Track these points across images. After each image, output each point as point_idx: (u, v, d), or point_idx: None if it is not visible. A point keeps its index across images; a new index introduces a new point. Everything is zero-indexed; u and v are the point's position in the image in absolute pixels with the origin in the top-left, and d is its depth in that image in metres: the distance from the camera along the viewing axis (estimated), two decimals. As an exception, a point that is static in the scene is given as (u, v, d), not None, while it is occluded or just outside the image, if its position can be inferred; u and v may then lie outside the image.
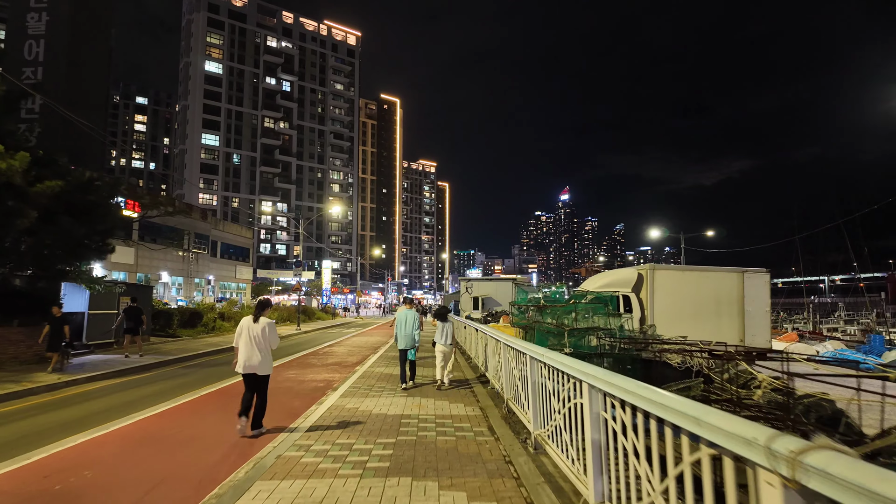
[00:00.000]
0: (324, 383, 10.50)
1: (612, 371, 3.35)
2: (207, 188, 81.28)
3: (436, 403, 7.94)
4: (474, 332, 12.59)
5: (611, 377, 3.09)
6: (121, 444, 6.16)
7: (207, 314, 26.44)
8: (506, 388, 7.05)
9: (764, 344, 11.63)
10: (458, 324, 17.96)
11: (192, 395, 9.21)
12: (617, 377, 3.06)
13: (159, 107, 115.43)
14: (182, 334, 22.69)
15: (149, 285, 27.75)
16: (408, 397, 8.48)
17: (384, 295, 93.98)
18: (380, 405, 7.80)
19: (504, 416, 6.86)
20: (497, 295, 26.12)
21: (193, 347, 18.19)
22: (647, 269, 11.60)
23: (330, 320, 43.29)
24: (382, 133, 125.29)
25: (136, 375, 12.36)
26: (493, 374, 8.75)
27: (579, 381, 3.64)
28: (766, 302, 11.84)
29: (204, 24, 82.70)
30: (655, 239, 45.11)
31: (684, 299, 11.50)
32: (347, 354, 16.40)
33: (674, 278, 11.67)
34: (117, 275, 36.08)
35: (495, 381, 8.56)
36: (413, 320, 9.57)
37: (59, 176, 12.99)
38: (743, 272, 11.79)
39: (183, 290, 43.19)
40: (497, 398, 8.06)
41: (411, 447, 5.52)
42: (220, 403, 8.61)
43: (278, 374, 11.62)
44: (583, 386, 3.55)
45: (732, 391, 5.08)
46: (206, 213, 47.87)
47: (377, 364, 12.99)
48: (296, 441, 5.76)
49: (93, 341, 16.68)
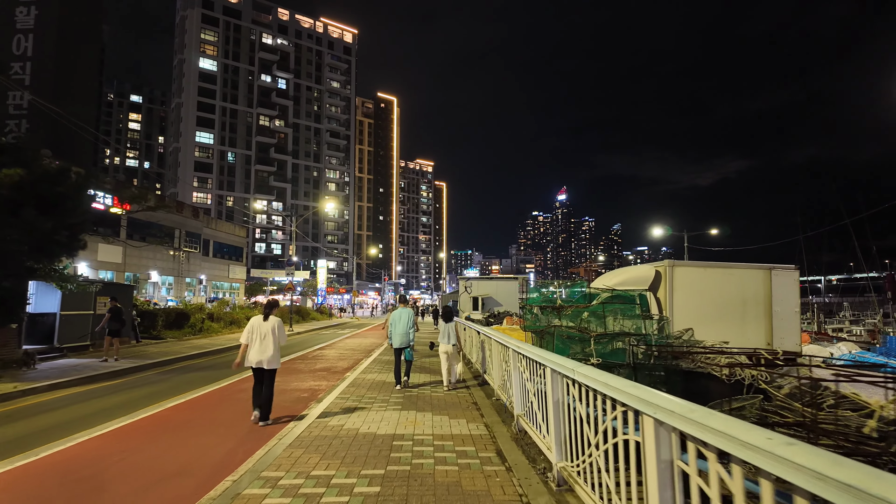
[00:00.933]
0: (308, 393, 9.42)
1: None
2: (202, 187, 80.00)
3: (434, 419, 6.88)
4: (475, 335, 11.54)
5: (696, 413, 2.05)
6: (30, 482, 5.05)
7: (195, 315, 25.29)
8: (516, 402, 6.00)
9: (794, 348, 10.62)
10: (458, 327, 16.94)
11: (155, 409, 8.11)
12: (704, 413, 2.02)
13: (154, 105, 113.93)
14: (167, 336, 21.57)
15: (129, 284, 26.63)
16: (402, 410, 7.41)
17: (381, 295, 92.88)
18: (369, 421, 6.73)
19: (515, 437, 5.81)
20: (498, 295, 25.01)
21: (176, 350, 17.10)
22: (665, 266, 10.56)
23: (325, 321, 42.12)
24: (379, 132, 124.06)
25: (106, 382, 11.28)
26: (499, 383, 7.71)
27: (636, 413, 2.60)
28: (795, 302, 10.81)
29: (198, 20, 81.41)
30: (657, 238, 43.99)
31: (706, 299, 10.46)
32: (338, 358, 15.31)
33: (695, 276, 10.63)
34: (104, 274, 34.93)
35: (501, 393, 7.51)
36: (408, 319, 9.49)
37: (22, 164, 11.88)
38: (770, 269, 10.77)
39: (174, 290, 42.01)
40: (504, 412, 7.01)
41: (404, 482, 4.45)
42: (183, 420, 7.53)
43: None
44: (644, 420, 2.50)
45: (806, 413, 4.03)
46: (198, 211, 46.64)
47: (370, 369, 11.92)
48: (262, 473, 4.70)
49: (66, 344, 15.59)
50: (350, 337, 24.84)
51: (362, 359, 14.60)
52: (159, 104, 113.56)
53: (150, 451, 5.84)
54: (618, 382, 2.79)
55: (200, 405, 8.48)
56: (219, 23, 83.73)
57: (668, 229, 41.57)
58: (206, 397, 9.17)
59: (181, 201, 49.26)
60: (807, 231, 44.38)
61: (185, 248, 42.79)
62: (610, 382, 2.87)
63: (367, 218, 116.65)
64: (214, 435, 6.52)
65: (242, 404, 8.41)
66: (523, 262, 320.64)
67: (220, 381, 11.06)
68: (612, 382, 2.85)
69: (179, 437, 6.42)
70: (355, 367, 12.67)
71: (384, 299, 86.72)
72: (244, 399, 8.86)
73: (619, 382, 2.78)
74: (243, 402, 8.57)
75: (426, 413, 7.26)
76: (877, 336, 27.97)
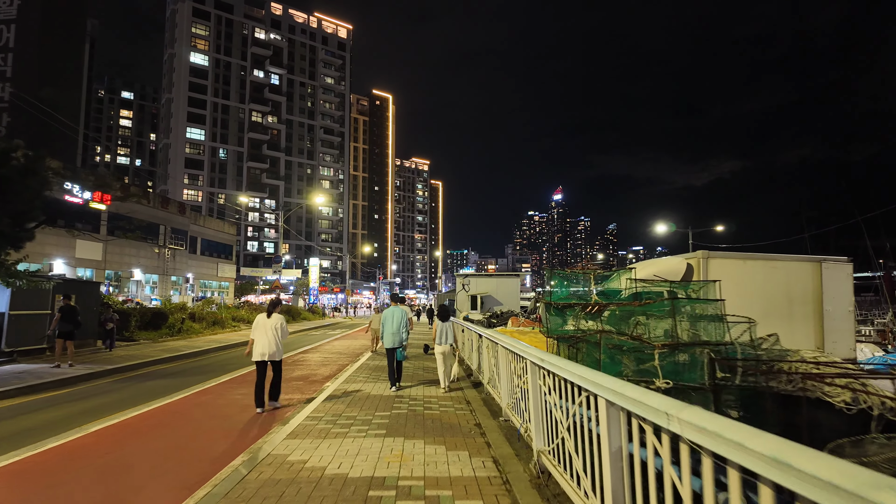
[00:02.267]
0: (274, 411, 7.84)
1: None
2: (192, 184, 78.09)
3: (426, 450, 5.31)
4: (475, 338, 9.98)
5: None
6: None
7: (175, 314, 23.61)
8: (535, 431, 4.46)
9: (847, 353, 9.12)
10: (456, 328, 15.33)
11: (86, 430, 6.52)
12: None
13: (146, 102, 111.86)
14: (140, 338, 19.89)
15: (92, 281, 24.87)
16: (385, 437, 5.84)
17: (376, 294, 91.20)
18: (342, 455, 5.15)
19: (535, 481, 4.26)
20: (498, 293, 23.38)
21: (145, 354, 15.46)
22: (698, 258, 9.03)
23: (316, 321, 40.39)
24: (375, 129, 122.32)
25: (47, 393, 9.67)
26: (508, 401, 6.16)
27: None
28: (849, 300, 9.30)
29: (189, 14, 79.48)
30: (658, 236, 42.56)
31: (746, 296, 8.91)
32: (321, 364, 13.69)
33: (733, 269, 9.09)
34: (83, 272, 33.16)
35: (512, 414, 5.95)
36: (401, 317, 9.18)
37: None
38: (820, 261, 9.26)
39: (158, 289, 40.26)
40: (515, 438, 5.45)
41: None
42: (114, 443, 5.94)
43: (218, 398, 8.94)
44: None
45: None
46: (185, 207, 44.85)
47: (354, 378, 10.33)
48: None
49: (18, 347, 13.93)
50: (339, 339, 23.23)
51: (348, 364, 13.01)
52: (151, 101, 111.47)
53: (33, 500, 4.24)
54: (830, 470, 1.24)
55: (134, 428, 6.88)
56: (210, 17, 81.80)
57: (671, 226, 40.18)
58: (150, 415, 7.56)
59: (166, 196, 47.45)
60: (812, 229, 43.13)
61: (171, 246, 41.06)
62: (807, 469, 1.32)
63: (363, 216, 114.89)
64: (121, 482, 4.90)
65: (190, 426, 6.83)
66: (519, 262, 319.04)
67: (181, 390, 9.48)
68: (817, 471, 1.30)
69: (64, 490, 4.82)
70: (338, 374, 11.08)
71: (379, 298, 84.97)
72: (197, 418, 7.29)
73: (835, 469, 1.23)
74: (194, 423, 6.99)
75: (416, 441, 5.69)
76: (888, 336, 26.70)
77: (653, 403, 2.13)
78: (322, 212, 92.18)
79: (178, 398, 8.77)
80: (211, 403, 8.38)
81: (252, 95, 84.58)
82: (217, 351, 17.69)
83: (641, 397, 2.28)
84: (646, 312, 4.50)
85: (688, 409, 1.91)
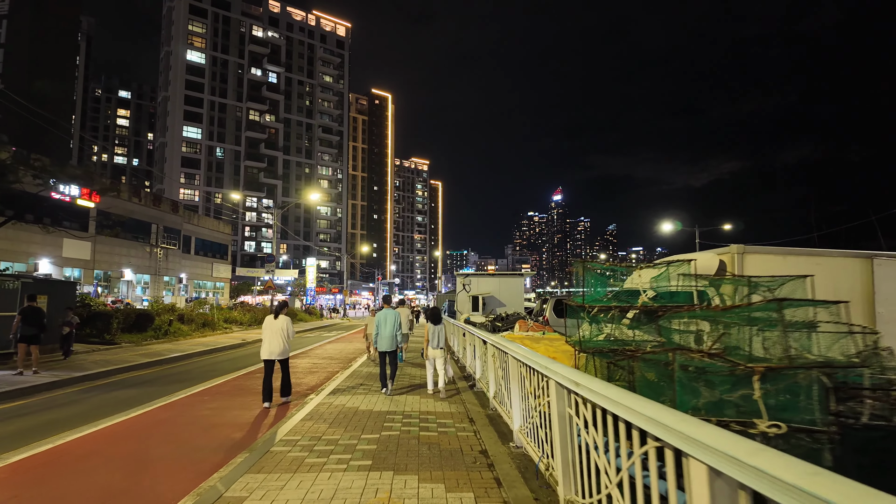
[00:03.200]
0: (241, 433, 6.69)
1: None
2: (189, 183, 76.96)
3: (420, 493, 4.20)
4: (479, 344, 8.89)
5: None
6: None
7: (162, 316, 22.49)
8: (563, 473, 3.35)
9: (903, 362, 8.00)
10: (456, 331, 14.21)
11: (23, 453, 5.41)
12: None
13: (143, 101, 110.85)
14: (122, 341, 18.76)
15: (69, 281, 23.72)
16: (370, 471, 4.72)
17: (375, 295, 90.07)
18: (311, 500, 4.05)
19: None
20: (501, 294, 22.21)
21: (125, 359, 14.34)
22: (732, 253, 7.93)
23: (312, 322, 39.24)
24: (374, 129, 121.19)
25: (2, 405, 8.58)
26: (521, 424, 5.06)
27: None
28: (903, 301, 8.19)
29: (185, 11, 78.38)
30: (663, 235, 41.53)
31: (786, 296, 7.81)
32: (308, 371, 12.55)
33: (771, 266, 7.99)
34: (70, 272, 32.01)
35: (527, 443, 4.85)
36: (394, 320, 8.95)
37: None
38: (871, 257, 8.16)
39: (150, 289, 39.13)
40: (532, 475, 4.35)
41: None
42: (28, 481, 4.82)
43: (182, 414, 7.81)
44: None
45: None
46: (178, 205, 43.70)
47: (342, 389, 9.21)
48: None
49: (-20, 353, 12.83)
50: (334, 341, 22.10)
51: (338, 371, 11.88)
52: (149, 100, 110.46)
53: None
54: None
55: (71, 455, 5.76)
56: (207, 14, 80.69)
57: (678, 224, 39.10)
58: (92, 438, 6.44)
59: (158, 195, 46.35)
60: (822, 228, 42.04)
61: (163, 245, 39.91)
62: None
63: (361, 216, 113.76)
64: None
65: (135, 455, 5.71)
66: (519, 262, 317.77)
67: (144, 404, 8.37)
68: None
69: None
70: (326, 383, 9.96)
71: (377, 299, 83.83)
72: (148, 443, 6.16)
73: None
74: (141, 450, 5.87)
75: (409, 476, 4.57)
76: None
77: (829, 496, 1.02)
78: (320, 212, 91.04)
79: (134, 415, 7.62)
80: (172, 422, 7.27)
81: (249, 94, 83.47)
82: (202, 355, 16.56)
83: (805, 484, 1.17)
84: (716, 318, 3.39)
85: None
